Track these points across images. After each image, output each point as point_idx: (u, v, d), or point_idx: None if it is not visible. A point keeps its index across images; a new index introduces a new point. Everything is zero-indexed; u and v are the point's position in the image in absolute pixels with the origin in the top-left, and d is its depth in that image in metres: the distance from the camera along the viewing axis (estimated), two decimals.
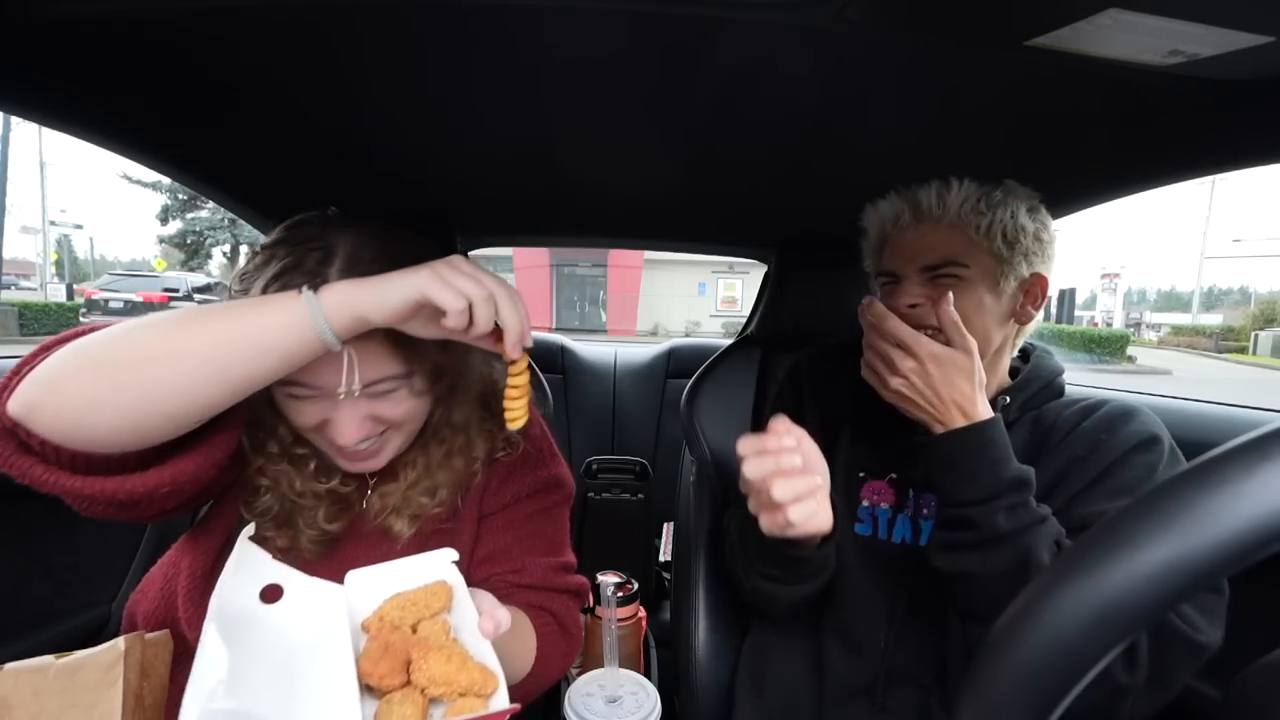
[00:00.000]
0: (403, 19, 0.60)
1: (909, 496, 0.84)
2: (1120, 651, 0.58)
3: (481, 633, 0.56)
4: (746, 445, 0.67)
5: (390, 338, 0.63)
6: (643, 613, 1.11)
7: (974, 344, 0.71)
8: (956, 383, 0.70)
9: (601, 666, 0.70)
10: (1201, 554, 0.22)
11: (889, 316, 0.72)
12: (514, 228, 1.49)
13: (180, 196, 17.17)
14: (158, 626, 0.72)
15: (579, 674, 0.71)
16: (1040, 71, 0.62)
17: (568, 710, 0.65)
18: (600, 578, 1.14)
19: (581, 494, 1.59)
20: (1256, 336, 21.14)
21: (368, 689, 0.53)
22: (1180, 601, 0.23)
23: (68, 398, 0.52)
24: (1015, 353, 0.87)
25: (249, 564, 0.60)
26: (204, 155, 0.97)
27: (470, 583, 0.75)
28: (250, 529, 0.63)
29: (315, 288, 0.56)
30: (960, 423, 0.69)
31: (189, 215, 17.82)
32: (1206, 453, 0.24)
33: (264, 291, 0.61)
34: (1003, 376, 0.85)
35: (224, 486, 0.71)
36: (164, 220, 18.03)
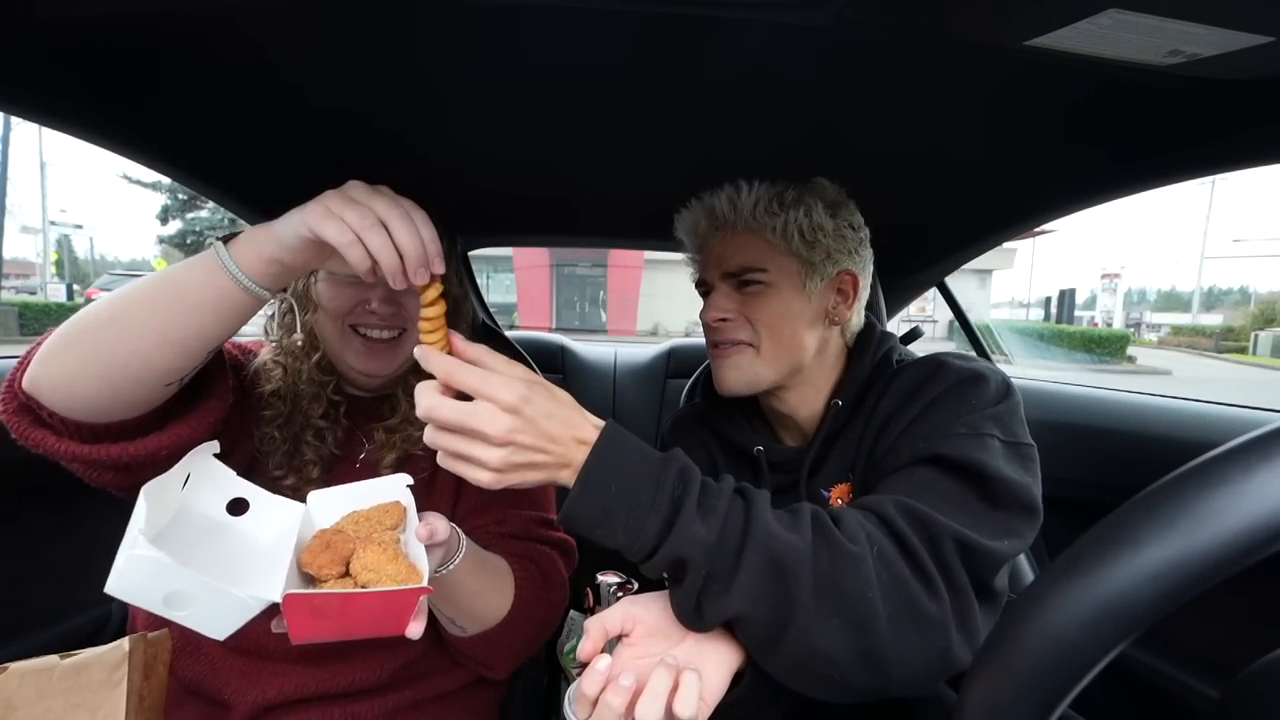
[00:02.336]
0: (404, 19, 0.60)
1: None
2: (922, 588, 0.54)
3: (417, 537, 0.58)
4: (581, 708, 0.54)
5: None
6: None
7: (522, 368, 0.55)
8: (559, 411, 0.54)
9: None
10: (1202, 554, 0.22)
11: (445, 360, 0.54)
12: (514, 228, 1.49)
13: (180, 196, 17.16)
14: (162, 621, 0.72)
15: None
16: (1040, 71, 0.62)
17: (567, 710, 0.65)
18: (600, 578, 1.14)
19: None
20: (1256, 336, 21.15)
21: (308, 577, 0.56)
22: (1181, 601, 0.23)
23: (54, 370, 0.57)
24: (850, 343, 0.83)
25: (215, 478, 0.63)
26: (207, 157, 0.97)
27: None
28: (214, 445, 0.65)
29: (227, 239, 0.58)
30: (584, 455, 0.54)
31: (189, 215, 17.82)
32: (1206, 453, 0.24)
33: None
34: (835, 378, 0.82)
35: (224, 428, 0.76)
36: (164, 220, 18.03)
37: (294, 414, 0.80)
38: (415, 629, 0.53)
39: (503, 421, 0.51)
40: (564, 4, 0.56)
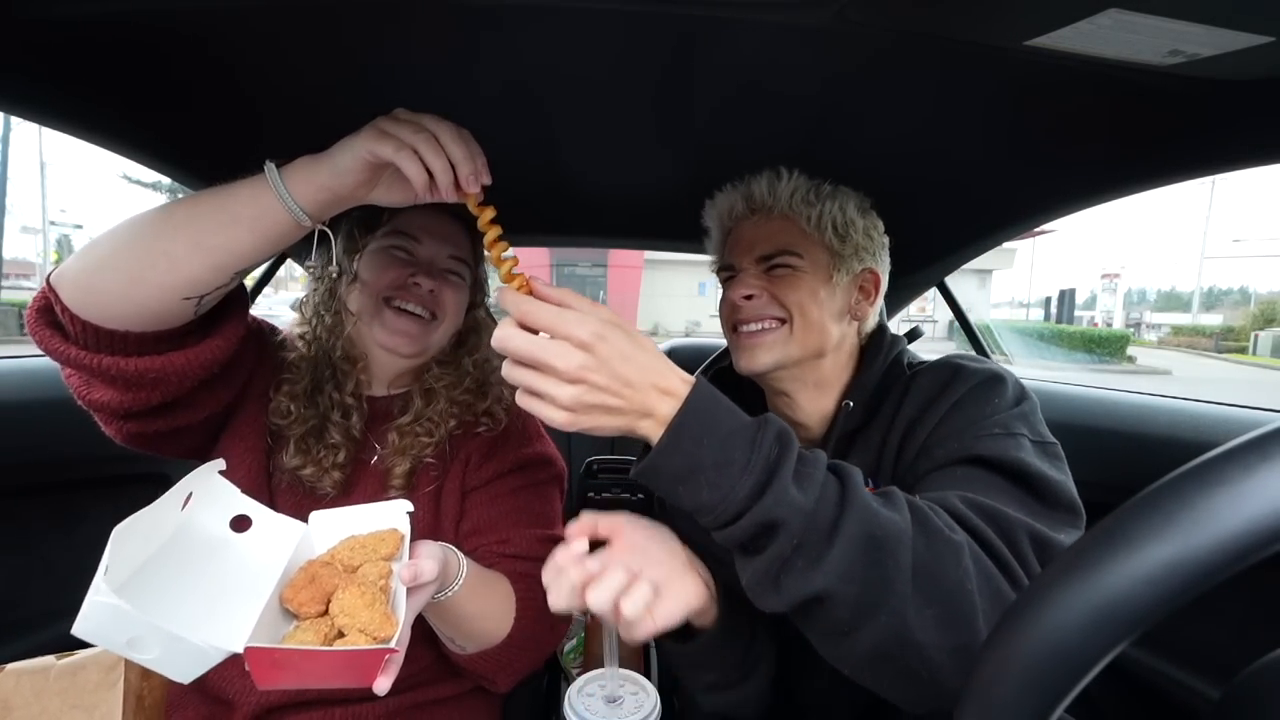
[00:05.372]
0: (405, 19, 0.60)
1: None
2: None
3: (401, 579, 0.57)
4: (548, 574, 0.57)
5: (460, 220, 0.84)
6: None
7: (606, 309, 0.53)
8: (638, 356, 0.51)
9: (601, 666, 0.70)
10: (1202, 554, 0.22)
11: (521, 299, 0.51)
12: (514, 228, 1.48)
13: (180, 196, 17.16)
14: None
15: (579, 674, 0.71)
16: (1040, 71, 0.62)
17: (567, 710, 0.65)
18: None
19: (581, 494, 1.59)
20: (1256, 336, 21.16)
21: (289, 613, 0.57)
22: (1181, 602, 0.23)
23: (84, 261, 0.59)
24: (863, 342, 0.84)
25: (219, 495, 0.64)
26: (207, 157, 0.97)
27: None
28: (219, 463, 0.65)
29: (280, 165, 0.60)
30: (668, 406, 0.51)
31: None
32: (1206, 453, 0.24)
33: None
34: (847, 378, 0.82)
35: (237, 391, 0.77)
36: None
37: (317, 393, 0.80)
38: (383, 684, 0.51)
39: (574, 357, 0.48)
40: (564, 4, 0.56)
